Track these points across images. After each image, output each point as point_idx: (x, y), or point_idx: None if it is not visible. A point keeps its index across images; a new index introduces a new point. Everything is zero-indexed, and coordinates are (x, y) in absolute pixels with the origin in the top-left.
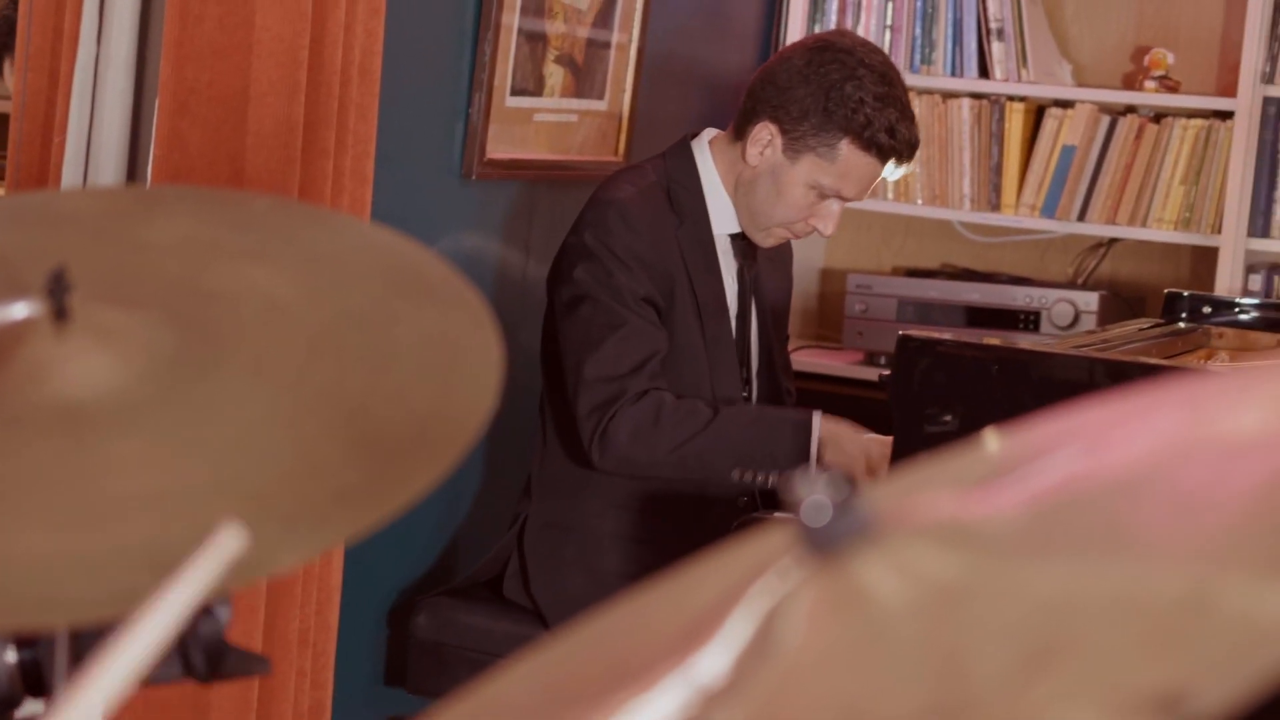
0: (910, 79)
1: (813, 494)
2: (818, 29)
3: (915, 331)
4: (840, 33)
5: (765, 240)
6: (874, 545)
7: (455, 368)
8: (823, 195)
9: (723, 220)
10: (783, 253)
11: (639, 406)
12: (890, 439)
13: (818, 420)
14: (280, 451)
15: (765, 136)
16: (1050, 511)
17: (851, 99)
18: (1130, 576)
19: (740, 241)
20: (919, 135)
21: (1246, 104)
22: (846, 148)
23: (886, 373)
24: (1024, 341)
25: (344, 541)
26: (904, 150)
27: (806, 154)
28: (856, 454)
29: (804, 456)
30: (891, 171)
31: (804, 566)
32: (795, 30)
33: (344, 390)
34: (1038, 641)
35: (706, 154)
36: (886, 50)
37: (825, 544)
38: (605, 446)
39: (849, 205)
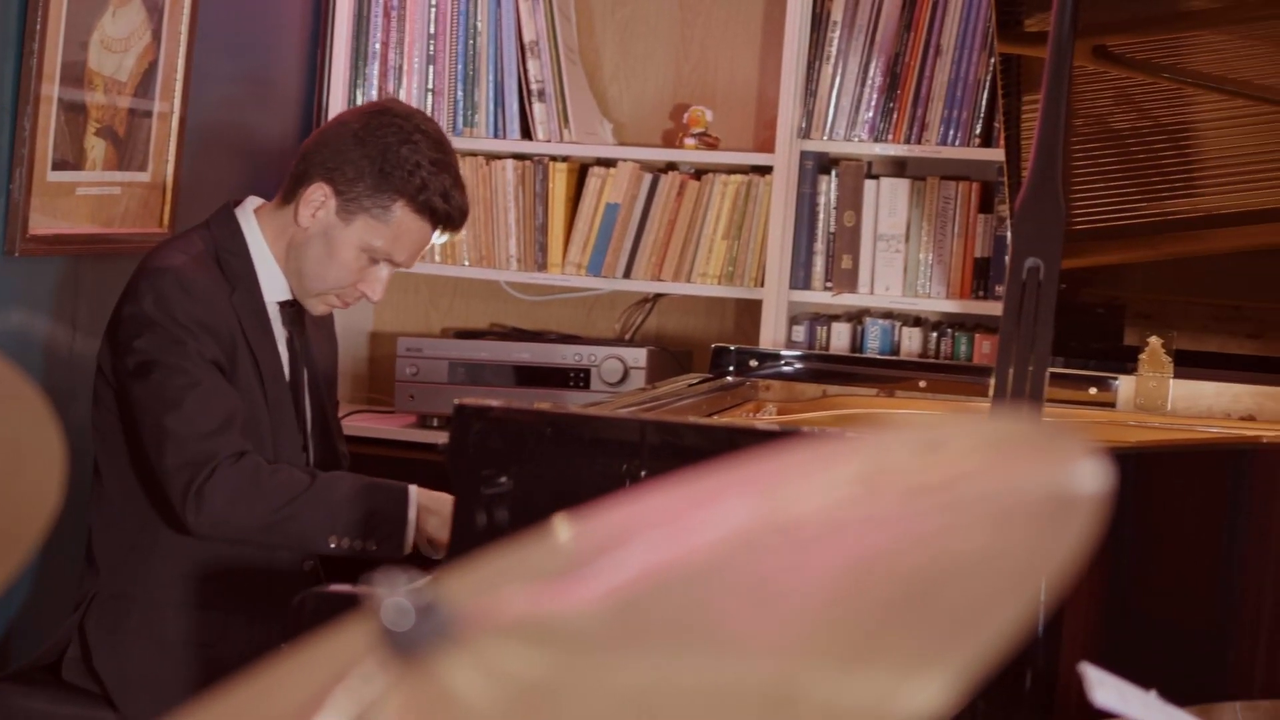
0: (453, 141)
1: (393, 598)
2: (359, 94)
3: (470, 400)
4: (395, 100)
5: (316, 307)
6: (458, 646)
7: (15, 468)
8: (374, 259)
9: (273, 288)
10: (327, 318)
11: (237, 468)
12: None
13: (414, 490)
14: None
15: (319, 198)
16: (632, 604)
17: (408, 162)
18: (716, 670)
19: (289, 309)
20: (469, 205)
21: (784, 159)
22: (400, 210)
23: (445, 441)
24: (577, 403)
25: None
26: (456, 216)
27: (360, 215)
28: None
29: (402, 524)
30: (439, 236)
31: (388, 670)
32: (337, 94)
33: None
34: None
35: (252, 221)
36: (429, 113)
37: (409, 647)
38: (201, 507)
39: (397, 269)
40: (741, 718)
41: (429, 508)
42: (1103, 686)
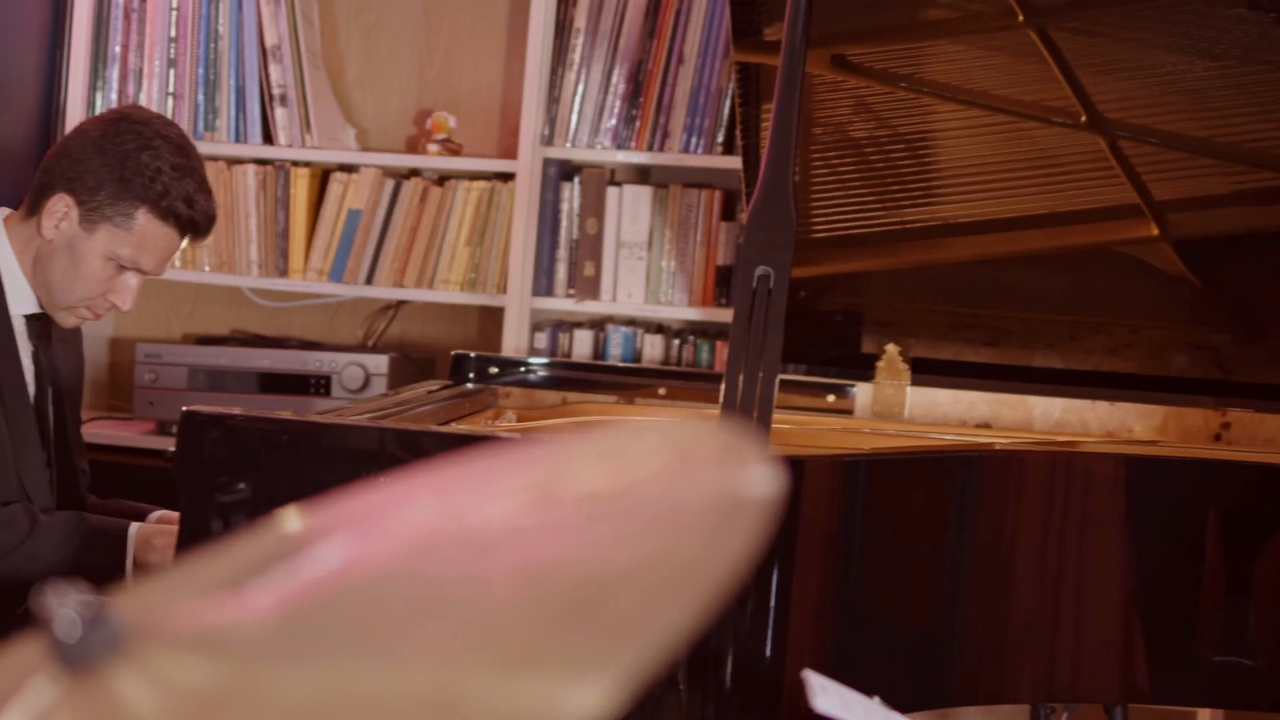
0: (194, 146)
1: (63, 609)
2: (99, 97)
3: (201, 406)
4: (136, 107)
5: (67, 320)
6: (127, 657)
7: None
8: (121, 267)
9: (18, 300)
10: (74, 332)
11: None
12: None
13: (132, 532)
14: None
15: (61, 209)
16: (305, 612)
17: (149, 168)
18: (381, 679)
19: (35, 323)
20: (216, 209)
21: (527, 165)
22: (144, 217)
23: (173, 450)
24: (315, 411)
25: None
26: (202, 221)
27: (103, 224)
28: (170, 548)
29: (120, 571)
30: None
31: (58, 682)
32: (76, 97)
33: None
34: None
35: None
36: (170, 117)
37: (78, 659)
38: None
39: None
40: None
41: (151, 543)
42: (824, 692)
